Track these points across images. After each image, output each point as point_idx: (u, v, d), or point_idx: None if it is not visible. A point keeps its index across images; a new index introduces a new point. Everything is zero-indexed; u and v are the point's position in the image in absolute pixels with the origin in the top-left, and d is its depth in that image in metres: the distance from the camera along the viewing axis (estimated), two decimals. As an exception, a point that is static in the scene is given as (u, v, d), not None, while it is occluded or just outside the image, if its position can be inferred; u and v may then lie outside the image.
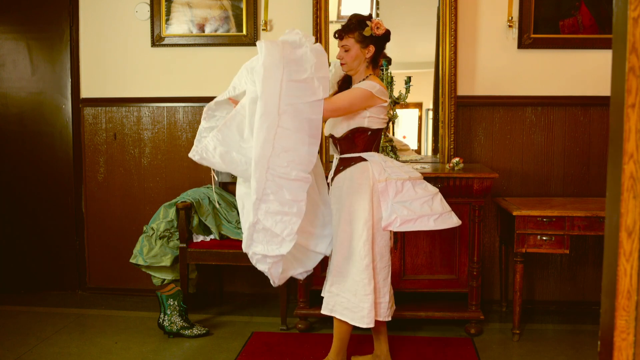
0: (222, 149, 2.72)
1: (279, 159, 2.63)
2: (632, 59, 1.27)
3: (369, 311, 2.94)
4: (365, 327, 2.98)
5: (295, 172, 2.66)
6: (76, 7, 4.46)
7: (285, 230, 2.65)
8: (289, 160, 2.64)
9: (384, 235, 3.02)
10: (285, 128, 2.63)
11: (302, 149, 2.68)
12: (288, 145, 2.64)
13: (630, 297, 1.31)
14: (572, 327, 3.91)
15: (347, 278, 2.98)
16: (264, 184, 2.62)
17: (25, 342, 3.66)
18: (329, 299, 3.05)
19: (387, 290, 3.07)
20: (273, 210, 2.64)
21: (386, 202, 2.96)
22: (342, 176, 3.04)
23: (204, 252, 3.89)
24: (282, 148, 2.63)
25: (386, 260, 3.05)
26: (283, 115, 2.62)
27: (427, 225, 2.98)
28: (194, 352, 3.54)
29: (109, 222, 4.54)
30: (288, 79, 2.63)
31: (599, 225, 3.51)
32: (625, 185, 1.30)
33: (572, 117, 4.18)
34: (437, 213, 3.00)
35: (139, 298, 4.49)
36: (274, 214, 2.64)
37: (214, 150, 2.71)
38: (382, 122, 3.04)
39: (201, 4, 4.33)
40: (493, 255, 4.25)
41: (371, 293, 2.94)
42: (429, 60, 4.17)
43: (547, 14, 4.10)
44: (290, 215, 2.65)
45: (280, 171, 2.63)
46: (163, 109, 4.44)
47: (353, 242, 2.96)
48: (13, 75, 4.53)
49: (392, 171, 2.99)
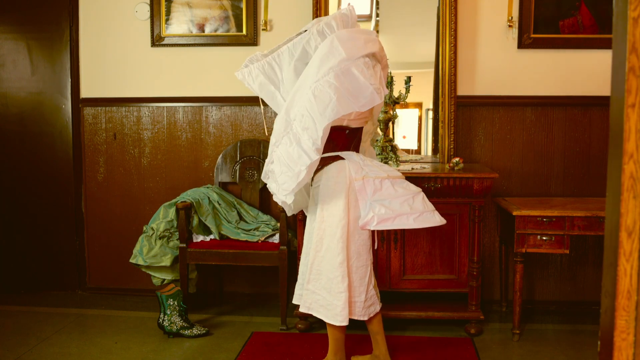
0: (263, 79, 3.04)
1: (297, 122, 2.84)
2: (632, 59, 1.27)
3: (342, 309, 2.95)
4: (338, 325, 2.99)
5: (305, 140, 2.82)
6: (76, 7, 4.46)
7: (284, 183, 2.88)
8: (304, 127, 2.82)
9: (361, 234, 3.02)
10: (317, 97, 2.80)
11: (319, 127, 2.80)
12: (311, 114, 2.81)
13: (630, 297, 1.31)
14: (572, 327, 3.91)
15: (322, 275, 3.00)
16: (282, 132, 2.88)
17: (25, 342, 3.66)
18: (307, 297, 3.07)
19: (363, 290, 3.04)
20: (282, 160, 2.89)
21: (364, 200, 2.96)
22: (320, 175, 3.05)
23: (203, 252, 3.89)
24: (306, 114, 2.82)
25: (364, 260, 3.04)
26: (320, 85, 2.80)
27: (406, 223, 2.97)
28: (193, 352, 3.54)
29: (109, 222, 4.54)
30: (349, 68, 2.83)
31: (599, 225, 3.51)
32: (625, 185, 1.30)
33: (572, 117, 4.17)
34: (417, 212, 2.98)
35: (139, 298, 4.49)
36: (281, 164, 2.89)
37: (255, 77, 3.04)
38: (362, 122, 3.05)
39: (201, 4, 4.33)
40: (493, 255, 4.25)
41: (345, 291, 2.95)
42: (429, 60, 4.17)
43: (547, 14, 4.10)
44: (289, 173, 2.86)
45: (295, 131, 2.85)
46: (163, 109, 4.44)
47: (327, 240, 2.98)
48: (13, 75, 4.53)
49: (369, 170, 2.99)
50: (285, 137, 2.88)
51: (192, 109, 4.42)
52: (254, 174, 4.28)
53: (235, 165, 4.30)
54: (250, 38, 4.30)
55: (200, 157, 4.42)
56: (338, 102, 2.77)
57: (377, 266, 3.74)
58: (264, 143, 4.29)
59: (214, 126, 4.39)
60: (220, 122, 4.39)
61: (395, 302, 3.85)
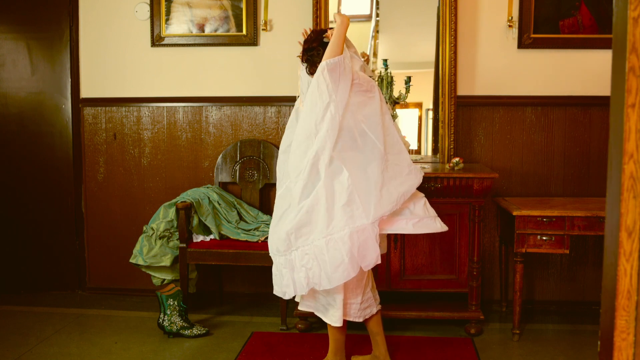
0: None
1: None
2: (632, 59, 1.27)
3: (336, 310, 2.98)
4: (334, 325, 3.02)
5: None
6: (76, 7, 4.46)
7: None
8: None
9: None
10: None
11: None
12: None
13: (630, 297, 1.31)
14: (572, 327, 3.91)
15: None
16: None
17: (25, 342, 3.66)
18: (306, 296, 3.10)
19: (360, 292, 3.05)
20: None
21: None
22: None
23: (203, 252, 3.89)
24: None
25: None
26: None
27: (404, 228, 2.99)
28: (193, 352, 3.54)
29: (109, 222, 4.54)
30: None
31: (599, 225, 3.51)
32: (625, 185, 1.30)
33: (572, 117, 4.17)
34: (417, 217, 2.99)
35: (139, 298, 4.49)
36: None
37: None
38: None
39: (201, 4, 4.33)
40: (493, 255, 4.25)
41: (340, 292, 2.96)
42: (429, 60, 4.17)
43: (547, 14, 4.10)
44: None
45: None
46: (163, 109, 4.44)
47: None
48: (13, 75, 4.53)
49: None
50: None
51: (192, 109, 4.41)
52: (254, 174, 4.28)
53: (235, 165, 4.30)
54: (250, 38, 4.30)
55: (200, 157, 4.42)
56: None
57: (377, 266, 3.74)
58: (263, 143, 4.29)
59: (214, 126, 4.39)
60: (220, 122, 4.39)
61: (395, 302, 3.85)
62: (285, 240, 2.89)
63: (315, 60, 3.00)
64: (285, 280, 2.96)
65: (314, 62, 3.01)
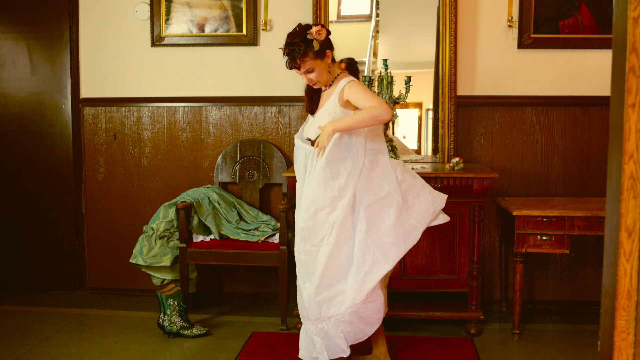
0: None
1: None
2: (632, 59, 1.27)
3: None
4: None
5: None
6: (76, 7, 4.46)
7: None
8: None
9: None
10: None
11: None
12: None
13: (630, 297, 1.31)
14: (572, 327, 3.91)
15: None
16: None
17: (25, 342, 3.66)
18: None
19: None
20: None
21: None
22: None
23: (203, 252, 3.89)
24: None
25: None
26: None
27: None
28: (193, 352, 3.54)
29: (109, 222, 4.54)
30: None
31: (599, 225, 3.51)
32: (625, 185, 1.30)
33: (572, 117, 4.17)
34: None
35: (139, 298, 4.49)
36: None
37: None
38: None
39: (201, 4, 4.33)
40: (493, 255, 4.25)
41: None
42: (429, 60, 4.17)
43: (547, 14, 4.10)
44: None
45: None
46: (163, 109, 4.44)
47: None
48: (13, 75, 4.53)
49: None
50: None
51: (192, 109, 4.41)
52: (254, 174, 4.28)
53: (235, 166, 4.30)
54: (250, 38, 4.30)
55: (200, 157, 4.42)
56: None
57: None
58: (263, 143, 4.29)
59: (214, 126, 4.39)
60: (220, 122, 4.39)
61: (396, 302, 3.84)
62: (316, 308, 2.96)
63: (295, 56, 2.95)
64: (317, 347, 3.00)
65: (294, 58, 2.95)
